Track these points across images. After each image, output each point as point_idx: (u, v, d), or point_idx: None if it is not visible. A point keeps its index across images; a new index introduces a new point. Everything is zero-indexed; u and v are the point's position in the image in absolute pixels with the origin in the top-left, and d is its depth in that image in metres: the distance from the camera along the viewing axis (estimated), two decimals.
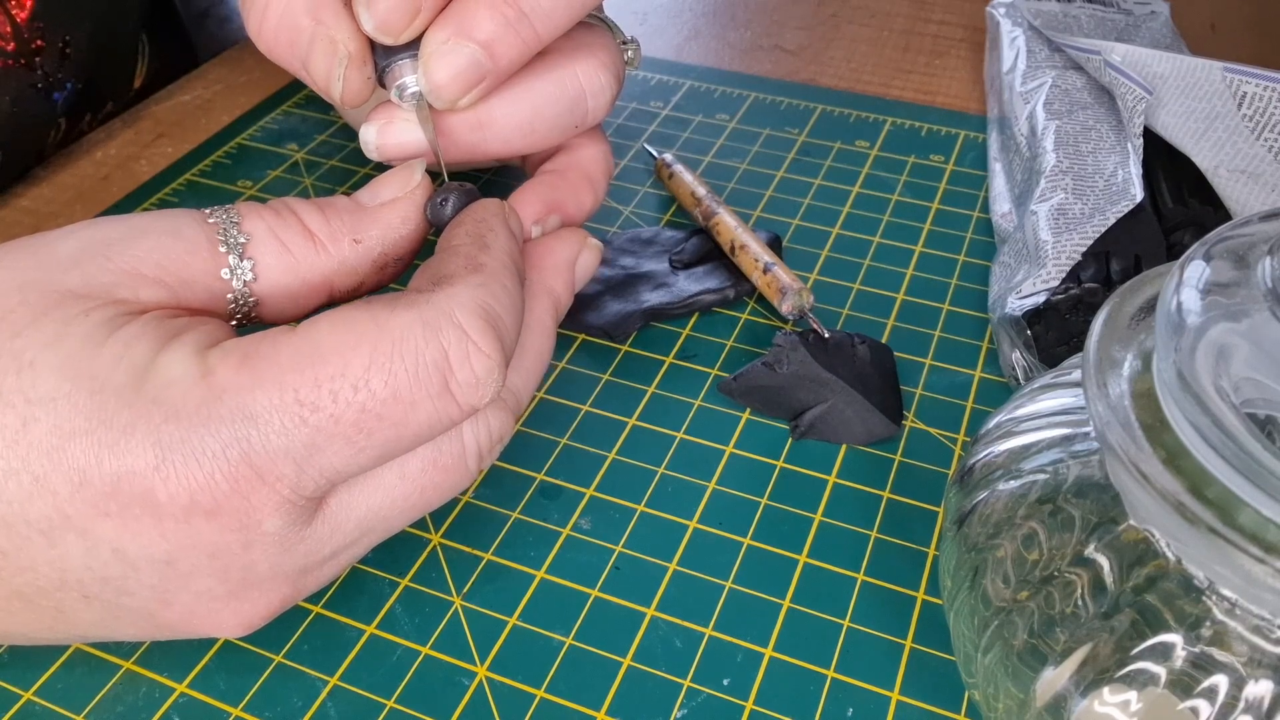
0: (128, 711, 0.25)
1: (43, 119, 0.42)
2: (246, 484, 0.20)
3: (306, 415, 0.20)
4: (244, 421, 0.20)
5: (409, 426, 0.21)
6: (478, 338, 0.21)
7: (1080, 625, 0.19)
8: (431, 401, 0.21)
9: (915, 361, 0.34)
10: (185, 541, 0.21)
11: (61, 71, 0.42)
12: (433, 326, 0.21)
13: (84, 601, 0.21)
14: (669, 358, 0.34)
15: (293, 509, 0.21)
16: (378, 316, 0.21)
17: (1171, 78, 0.37)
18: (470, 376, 0.21)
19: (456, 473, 0.24)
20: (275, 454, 0.20)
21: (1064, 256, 0.32)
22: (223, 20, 0.60)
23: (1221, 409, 0.17)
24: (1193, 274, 0.19)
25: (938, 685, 0.25)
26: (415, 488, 0.23)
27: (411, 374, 0.21)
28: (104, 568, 0.21)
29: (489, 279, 0.23)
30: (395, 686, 0.25)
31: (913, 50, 0.53)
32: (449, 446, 0.23)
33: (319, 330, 0.21)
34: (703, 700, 0.25)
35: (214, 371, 0.20)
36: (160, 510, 0.20)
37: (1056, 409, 0.22)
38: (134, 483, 0.20)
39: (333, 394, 0.20)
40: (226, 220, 0.24)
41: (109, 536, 0.20)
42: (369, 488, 0.23)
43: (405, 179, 0.26)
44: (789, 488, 0.30)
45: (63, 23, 0.41)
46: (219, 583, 0.22)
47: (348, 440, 0.21)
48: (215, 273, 0.23)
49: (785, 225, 0.40)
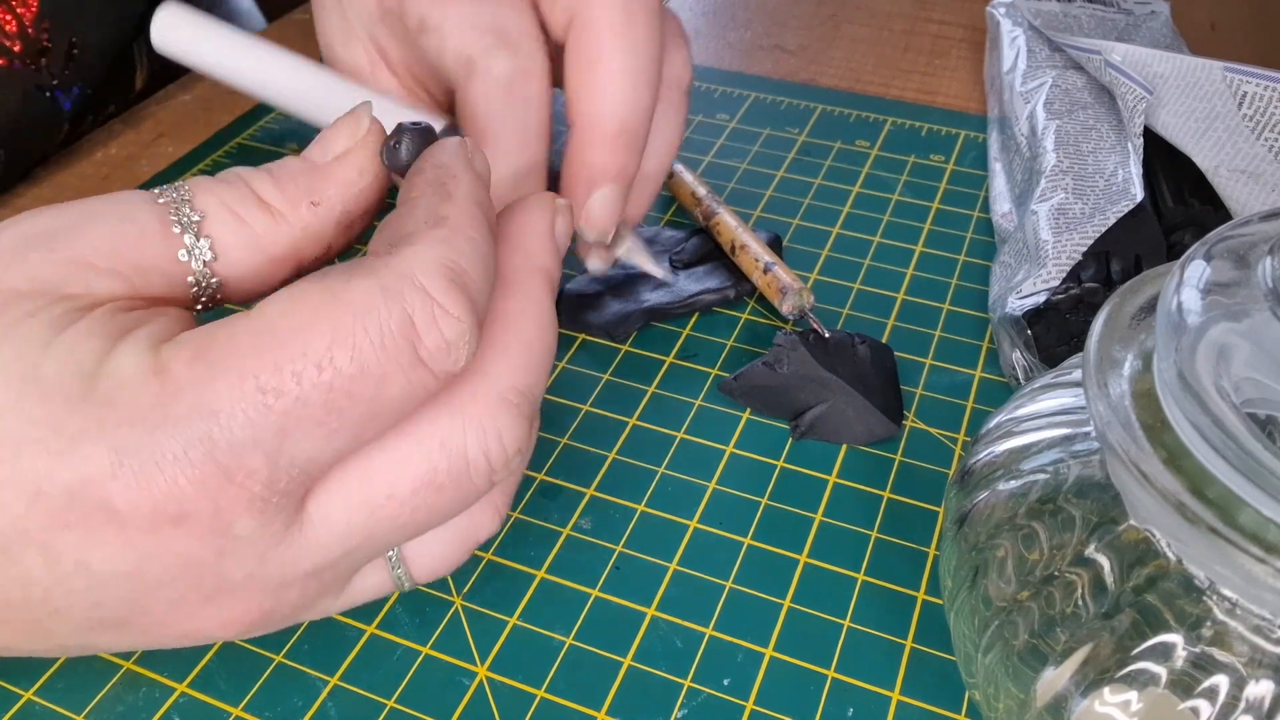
0: (128, 711, 0.25)
1: (49, 123, 0.42)
2: (213, 485, 0.19)
3: (271, 402, 0.19)
4: (205, 418, 0.19)
5: (382, 401, 0.20)
6: (443, 299, 0.20)
7: (1081, 625, 0.19)
8: (403, 373, 0.20)
9: (915, 361, 0.34)
10: (152, 551, 0.19)
11: (69, 73, 0.42)
12: (394, 292, 0.19)
13: (54, 615, 0.20)
14: (669, 358, 0.34)
15: (266, 507, 0.20)
16: (333, 288, 0.19)
17: (1172, 77, 0.37)
18: (439, 341, 0.20)
19: (456, 491, 0.22)
20: (242, 448, 0.19)
21: (1064, 256, 0.32)
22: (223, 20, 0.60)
23: (1222, 409, 0.17)
24: (1193, 274, 0.19)
25: (938, 685, 0.25)
26: (405, 508, 0.21)
27: (377, 346, 0.19)
28: (69, 581, 0.19)
29: (452, 232, 0.21)
30: (395, 686, 0.25)
31: (913, 50, 0.53)
32: (446, 464, 0.21)
33: (273, 311, 0.19)
34: (703, 700, 0.25)
35: (168, 367, 0.19)
36: (122, 520, 0.19)
37: (1057, 409, 0.22)
38: (90, 493, 0.19)
39: (296, 376, 0.19)
40: (178, 198, 0.22)
41: (70, 550, 0.19)
42: (352, 501, 0.21)
43: (354, 127, 0.24)
44: (789, 488, 0.30)
45: (70, 23, 0.41)
46: (192, 590, 0.20)
47: (318, 423, 0.19)
48: (172, 255, 0.22)
49: (785, 225, 0.40)
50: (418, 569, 0.24)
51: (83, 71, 0.43)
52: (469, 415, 0.21)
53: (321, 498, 0.21)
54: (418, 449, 0.21)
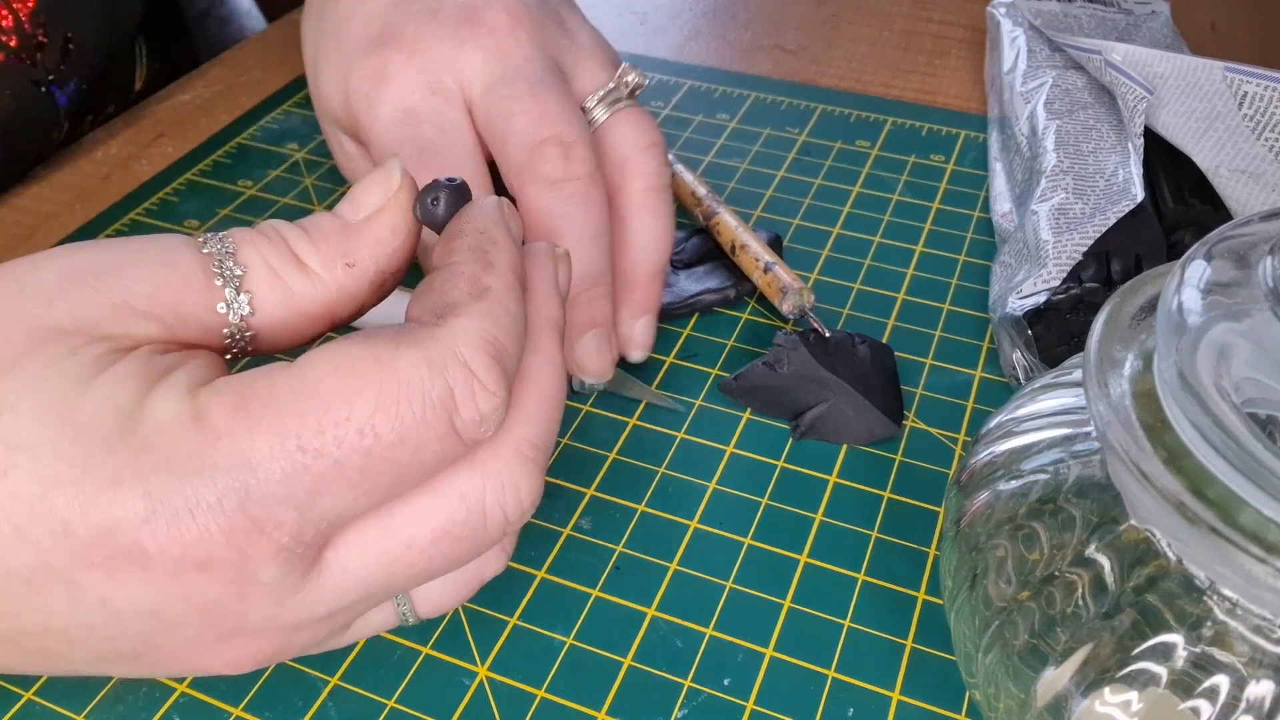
0: (128, 711, 0.25)
1: (45, 119, 0.42)
2: (242, 535, 0.19)
3: (309, 462, 0.19)
4: (241, 470, 0.19)
5: (414, 468, 0.20)
6: (483, 375, 0.20)
7: (1081, 625, 0.19)
8: (438, 441, 0.20)
9: (916, 361, 0.34)
10: (174, 594, 0.20)
11: (64, 68, 0.42)
12: (438, 365, 0.20)
13: (70, 646, 0.21)
14: (670, 357, 0.34)
15: (290, 557, 0.20)
16: (380, 356, 0.20)
17: (1172, 77, 0.37)
18: (475, 415, 0.20)
19: (472, 541, 0.22)
20: (275, 502, 0.19)
21: (1064, 256, 0.32)
22: (223, 20, 0.60)
23: (1222, 409, 0.17)
24: (1194, 274, 0.19)
25: (938, 685, 0.25)
26: (423, 556, 0.22)
27: (419, 417, 0.20)
28: (89, 616, 0.20)
29: (494, 305, 0.21)
30: (396, 686, 0.25)
31: (913, 50, 0.53)
32: (464, 515, 0.22)
33: (318, 370, 0.20)
34: (703, 700, 0.25)
35: (206, 415, 0.19)
36: (149, 563, 0.19)
37: (1057, 409, 0.22)
38: (121, 535, 0.19)
39: (337, 440, 0.19)
40: (221, 250, 0.22)
41: (94, 588, 0.19)
42: (371, 552, 0.21)
43: (385, 183, 0.24)
44: (790, 488, 0.30)
45: (66, 18, 0.41)
46: (207, 630, 0.21)
47: (350, 485, 0.20)
48: (211, 306, 0.22)
49: (786, 225, 0.40)
50: (423, 606, 0.24)
51: (78, 67, 0.43)
52: (488, 470, 0.22)
53: (341, 548, 0.21)
54: (438, 502, 0.21)
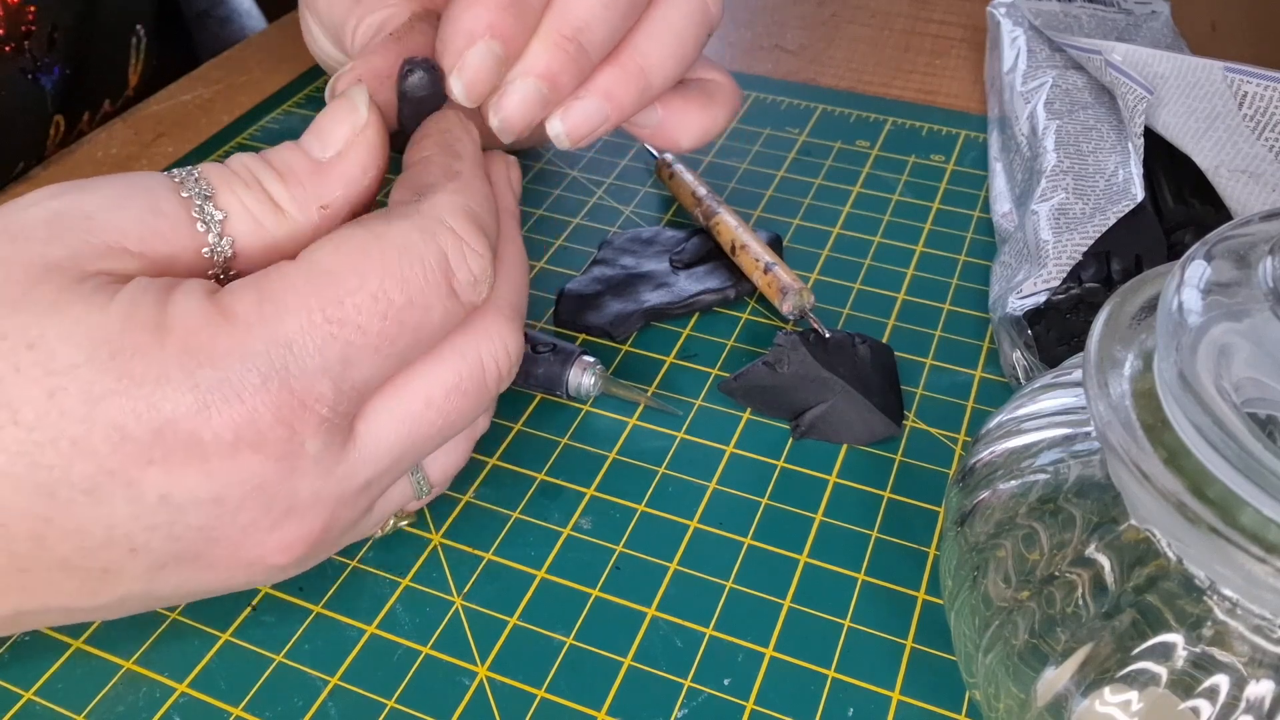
0: (128, 711, 0.25)
1: (34, 109, 0.42)
2: (289, 410, 0.21)
3: (336, 332, 0.21)
4: (280, 349, 0.21)
5: (426, 329, 0.23)
6: (469, 238, 0.23)
7: (1081, 625, 0.19)
8: (440, 303, 0.22)
9: (916, 361, 0.34)
10: (232, 478, 0.21)
11: (49, 56, 0.42)
12: (429, 232, 0.22)
13: (130, 555, 0.22)
14: (669, 358, 0.34)
15: (331, 428, 0.22)
16: (375, 230, 0.22)
17: (1172, 77, 0.37)
18: (469, 275, 0.23)
19: (477, 396, 0.25)
20: (313, 375, 0.21)
21: (1065, 256, 0.32)
22: (223, 20, 0.60)
23: (1222, 409, 0.17)
24: (1194, 274, 0.19)
25: (938, 685, 0.25)
26: (440, 413, 0.24)
27: (422, 279, 0.22)
28: (151, 515, 0.21)
29: (466, 184, 0.24)
30: (396, 686, 0.25)
31: (913, 50, 0.53)
32: (469, 371, 0.24)
33: (323, 253, 0.22)
34: (703, 700, 0.25)
35: (234, 310, 0.21)
36: (205, 452, 0.21)
37: (1057, 409, 0.22)
38: (177, 430, 0.20)
39: (356, 307, 0.21)
40: (199, 193, 0.23)
41: (154, 484, 0.21)
42: (396, 415, 0.23)
43: (352, 116, 0.24)
44: (789, 488, 0.30)
45: (54, 6, 0.41)
46: (263, 513, 0.22)
47: (374, 350, 0.22)
48: (196, 250, 0.23)
49: (786, 225, 0.40)
50: (434, 472, 0.27)
51: (63, 53, 0.42)
52: (479, 330, 0.24)
53: (370, 418, 0.23)
54: (443, 363, 0.24)
